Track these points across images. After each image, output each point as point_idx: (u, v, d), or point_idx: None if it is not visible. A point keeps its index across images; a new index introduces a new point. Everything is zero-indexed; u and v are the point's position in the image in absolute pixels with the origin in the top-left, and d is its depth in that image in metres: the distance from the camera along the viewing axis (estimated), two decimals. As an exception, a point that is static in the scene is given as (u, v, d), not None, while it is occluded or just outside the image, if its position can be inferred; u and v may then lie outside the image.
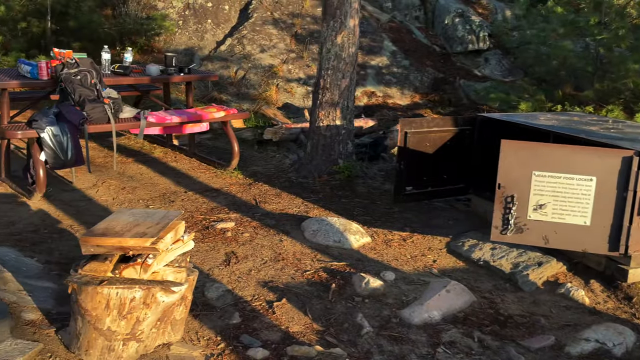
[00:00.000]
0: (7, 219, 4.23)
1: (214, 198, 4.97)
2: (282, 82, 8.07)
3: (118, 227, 2.70)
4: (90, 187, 5.02)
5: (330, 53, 5.33)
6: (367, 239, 4.29)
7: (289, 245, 4.12)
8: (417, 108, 7.71)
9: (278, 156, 6.24)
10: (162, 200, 4.84)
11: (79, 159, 4.63)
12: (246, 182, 5.44)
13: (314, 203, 4.97)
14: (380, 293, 3.52)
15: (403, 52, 8.38)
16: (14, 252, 3.58)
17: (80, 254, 3.74)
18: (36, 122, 4.46)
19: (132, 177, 5.33)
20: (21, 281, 3.25)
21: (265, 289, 3.49)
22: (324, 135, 5.46)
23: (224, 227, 4.33)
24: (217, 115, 5.41)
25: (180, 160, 5.99)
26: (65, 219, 4.31)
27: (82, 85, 4.78)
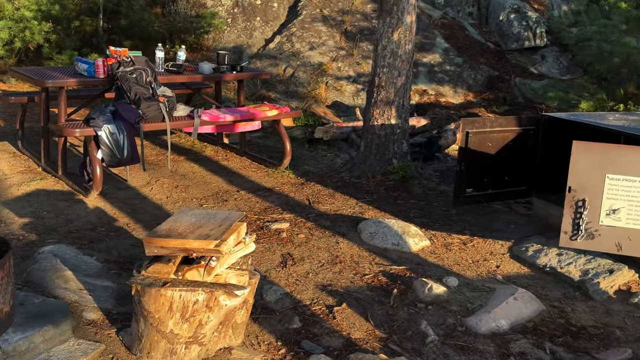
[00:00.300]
0: (65, 216, 4.25)
1: (267, 197, 4.91)
2: (332, 80, 7.97)
3: (181, 229, 2.65)
4: (144, 185, 5.02)
5: (386, 50, 5.20)
6: (426, 242, 4.15)
7: (346, 248, 4.02)
8: (471, 107, 7.50)
9: (329, 155, 6.14)
10: (215, 199, 4.81)
11: (134, 157, 4.63)
12: (298, 181, 5.37)
13: (368, 204, 4.86)
14: (443, 299, 3.38)
15: (456, 49, 8.18)
16: (73, 250, 3.58)
17: (138, 252, 3.74)
18: (93, 120, 4.47)
19: (184, 176, 5.32)
20: (81, 280, 3.24)
21: (324, 292, 3.40)
22: (378, 135, 5.34)
23: (278, 227, 4.26)
24: (270, 114, 5.35)
25: (231, 158, 5.95)
26: (122, 217, 4.31)
27: (137, 84, 4.78)
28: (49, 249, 3.48)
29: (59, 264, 3.31)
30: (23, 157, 5.56)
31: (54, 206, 4.42)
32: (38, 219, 4.16)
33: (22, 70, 5.06)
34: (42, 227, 4.03)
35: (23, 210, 4.28)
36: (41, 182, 4.90)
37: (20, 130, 5.75)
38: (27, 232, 3.92)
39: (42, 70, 5.11)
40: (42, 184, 4.87)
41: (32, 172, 5.17)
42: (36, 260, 3.32)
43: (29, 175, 5.08)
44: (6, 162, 5.39)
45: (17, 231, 3.93)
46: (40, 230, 3.98)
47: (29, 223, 4.07)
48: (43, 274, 3.19)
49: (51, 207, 4.40)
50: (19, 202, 4.45)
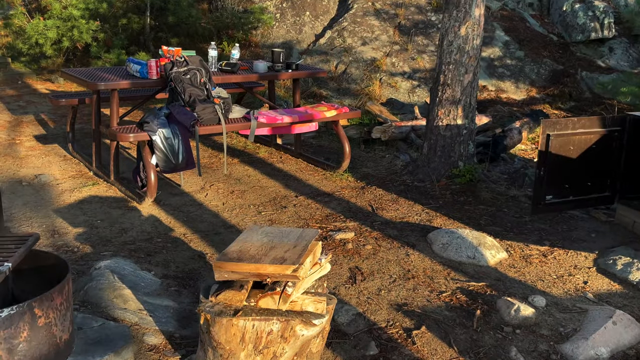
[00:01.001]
0: (120, 225, 4.07)
1: (327, 203, 4.64)
2: (386, 76, 7.65)
3: (253, 250, 2.40)
4: (198, 190, 4.82)
5: (452, 46, 4.86)
6: (503, 254, 3.82)
7: (418, 261, 3.72)
8: (534, 103, 7.08)
9: (388, 157, 5.84)
10: (273, 205, 4.57)
11: (189, 162, 4.42)
12: (358, 185, 5.09)
13: (435, 210, 4.55)
14: (532, 322, 3.06)
15: (517, 42, 7.75)
16: (130, 265, 3.39)
17: (197, 266, 3.52)
18: (147, 124, 4.28)
19: (239, 180, 5.10)
20: (141, 299, 3.03)
21: (399, 313, 3.11)
22: (443, 136, 5.01)
23: (343, 237, 3.99)
24: (329, 115, 5.08)
25: (286, 161, 5.71)
26: (178, 227, 4.10)
27: (192, 85, 4.57)
28: (105, 264, 3.29)
29: (117, 281, 3.11)
30: (74, 160, 5.43)
31: (108, 214, 4.25)
32: (92, 229, 3.99)
33: (73, 72, 4.91)
34: (97, 237, 3.86)
35: (76, 219, 4.13)
36: (93, 188, 4.74)
37: (71, 133, 5.63)
38: (81, 244, 3.75)
39: (93, 72, 4.95)
40: (94, 190, 4.71)
41: (83, 176, 5.02)
42: (93, 277, 3.13)
43: (80, 180, 4.93)
44: (57, 166, 5.27)
45: (72, 242, 3.76)
46: (95, 241, 3.81)
47: (83, 233, 3.91)
48: (101, 292, 3.00)
49: (105, 215, 4.23)
50: (72, 209, 4.30)
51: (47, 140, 5.99)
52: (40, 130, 6.33)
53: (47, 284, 2.62)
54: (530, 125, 6.27)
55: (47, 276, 2.60)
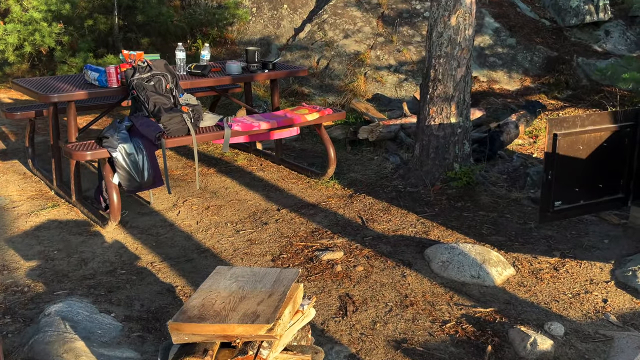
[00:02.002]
0: (79, 255, 3.62)
1: (312, 217, 4.21)
2: (371, 70, 7.21)
3: (219, 303, 1.97)
4: (170, 208, 4.37)
5: (442, 37, 4.43)
6: (510, 270, 3.42)
7: (415, 283, 3.30)
8: (529, 93, 6.68)
9: (377, 159, 5.42)
10: (253, 221, 4.13)
11: (157, 179, 3.97)
12: (345, 193, 4.66)
13: (431, 219, 4.13)
14: (551, 357, 2.66)
15: (507, 29, 7.33)
16: (86, 307, 2.94)
17: (164, 304, 3.07)
18: (107, 140, 3.82)
19: (215, 193, 4.65)
20: (96, 352, 2.59)
21: (399, 352, 2.70)
22: (436, 136, 4.59)
23: (330, 258, 3.57)
24: (310, 118, 4.64)
25: (267, 168, 5.27)
26: (145, 254, 3.66)
27: (156, 92, 4.10)
28: (56, 308, 2.84)
29: (68, 331, 2.67)
30: (34, 178, 4.96)
31: (67, 242, 3.79)
32: (47, 261, 3.53)
33: (24, 83, 4.43)
34: (52, 272, 3.41)
35: (31, 250, 3.67)
36: (53, 211, 4.28)
37: (30, 148, 5.15)
38: (33, 281, 3.30)
39: (47, 82, 4.47)
40: (54, 213, 4.25)
41: (43, 197, 4.56)
42: (40, 327, 2.68)
43: (39, 201, 4.47)
44: (15, 185, 4.80)
45: (22, 280, 3.31)
46: (49, 277, 3.35)
47: (36, 268, 3.45)
48: (48, 347, 2.56)
49: (63, 243, 3.78)
50: (26, 238, 3.84)
51: (7, 156, 5.51)
52: (0, 144, 5.84)
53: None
54: (527, 118, 5.86)
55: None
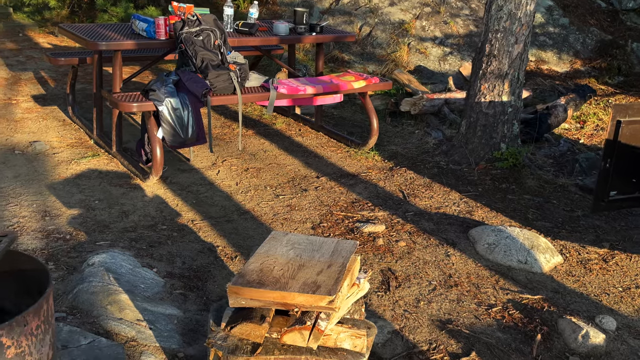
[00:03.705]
0: (120, 207, 3.59)
1: (352, 187, 4.14)
2: (415, 41, 7.03)
3: (277, 270, 1.91)
4: (209, 166, 4.32)
5: (502, 11, 4.26)
6: (557, 258, 3.32)
7: (460, 263, 3.23)
8: (578, 76, 6.46)
9: (418, 133, 5.29)
10: (292, 187, 4.07)
11: (200, 136, 3.91)
12: (386, 165, 4.57)
13: (475, 199, 4.03)
14: (603, 351, 2.58)
15: (561, 8, 7.07)
16: (129, 260, 2.92)
17: (205, 263, 3.04)
18: (153, 93, 3.75)
19: (254, 155, 4.59)
20: (139, 306, 2.57)
21: (443, 332, 2.64)
22: (485, 113, 4.45)
23: (372, 231, 3.50)
24: (357, 86, 4.52)
25: (305, 134, 5.18)
26: (185, 211, 3.62)
27: (204, 48, 4.02)
28: (100, 259, 2.82)
29: (112, 283, 2.65)
30: (73, 126, 4.93)
31: (108, 193, 3.77)
32: (89, 211, 3.51)
33: (72, 28, 4.36)
34: (93, 221, 3.39)
35: (72, 198, 3.65)
36: (93, 160, 4.26)
37: (71, 95, 5.12)
38: (75, 229, 3.28)
39: (94, 29, 4.40)
40: (94, 162, 4.22)
41: (83, 145, 4.53)
42: (84, 276, 2.67)
43: (79, 149, 4.44)
44: (55, 131, 4.78)
45: (64, 227, 3.29)
46: (91, 226, 3.34)
47: (77, 216, 3.43)
48: (93, 297, 2.54)
49: (104, 194, 3.75)
50: (67, 186, 3.82)
51: (46, 102, 5.49)
52: (40, 89, 5.82)
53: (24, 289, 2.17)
54: (576, 102, 5.68)
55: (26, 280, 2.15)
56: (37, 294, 2.18)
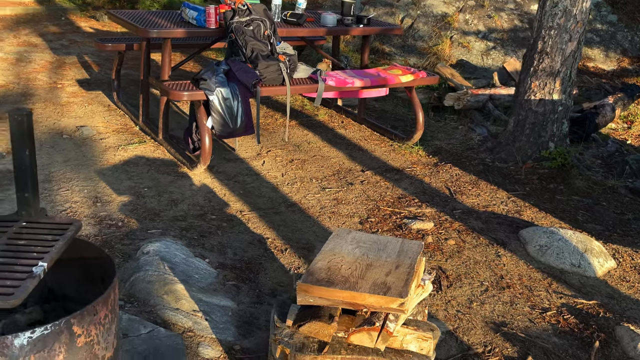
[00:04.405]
0: (169, 195, 3.62)
1: (398, 182, 4.11)
2: (457, 34, 6.93)
3: (345, 268, 1.90)
4: (254, 157, 4.32)
5: (557, 8, 4.16)
6: (611, 262, 3.26)
7: (511, 264, 3.18)
8: (626, 75, 6.31)
9: (461, 128, 5.23)
10: (338, 180, 4.05)
11: (248, 127, 3.91)
12: (430, 161, 4.52)
13: (522, 199, 3.97)
14: (662, 361, 2.52)
15: (610, 4, 6.91)
16: (182, 249, 2.94)
17: (256, 254, 3.03)
18: (204, 82, 3.76)
19: (298, 147, 4.58)
20: (195, 297, 2.59)
21: (498, 335, 2.61)
22: (535, 111, 4.37)
23: (421, 228, 3.47)
24: (404, 80, 4.47)
25: (348, 126, 5.16)
26: (233, 201, 3.63)
27: (254, 38, 4.00)
28: (154, 247, 2.84)
29: (168, 273, 2.67)
30: (119, 111, 4.97)
31: (156, 181, 3.79)
32: (138, 198, 3.54)
33: (122, 15, 4.38)
34: (144, 209, 3.42)
35: (121, 185, 3.68)
36: (140, 147, 4.29)
37: (116, 81, 5.15)
38: (126, 217, 3.31)
39: (144, 15, 4.41)
40: (141, 149, 4.25)
41: (128, 131, 4.57)
42: (140, 265, 2.69)
43: (125, 135, 4.48)
44: (101, 116, 4.82)
45: (116, 214, 3.32)
46: (142, 213, 3.36)
47: (128, 203, 3.46)
48: (149, 286, 2.56)
49: (152, 181, 3.78)
50: (116, 172, 3.86)
51: (91, 86, 5.54)
52: (84, 74, 5.87)
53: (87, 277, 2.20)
54: (624, 101, 5.55)
55: (88, 267, 2.17)
56: (99, 281, 2.21)
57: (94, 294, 2.18)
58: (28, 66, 5.86)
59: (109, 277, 2.08)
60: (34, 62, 5.98)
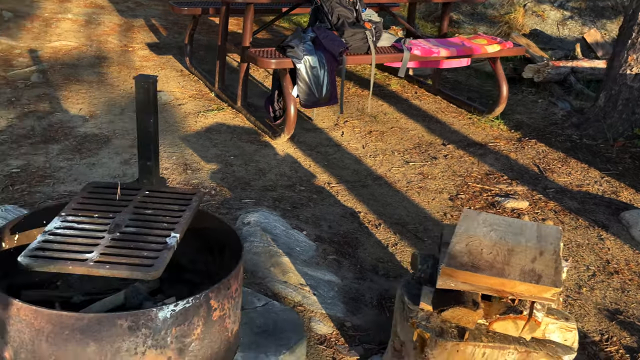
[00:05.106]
0: (255, 165, 3.57)
1: (482, 157, 3.98)
2: (531, 2, 6.65)
3: (486, 253, 1.81)
4: (332, 127, 4.24)
5: (662, -24, 3.92)
6: None
7: (615, 249, 3.06)
8: None
9: (541, 102, 5.04)
10: (420, 153, 3.95)
11: (333, 97, 3.82)
12: (513, 136, 4.37)
13: (617, 179, 3.81)
14: None
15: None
16: (280, 221, 2.89)
17: (351, 229, 2.95)
18: (291, 50, 3.66)
19: (375, 118, 4.47)
20: (300, 270, 2.55)
21: (614, 324, 2.51)
22: (630, 87, 4.17)
23: (515, 207, 3.35)
24: (490, 50, 4.30)
25: (422, 97, 5.02)
26: (319, 172, 3.56)
27: (340, 4, 3.88)
28: (254, 218, 2.80)
29: (272, 245, 2.63)
30: (192, 77, 4.93)
31: (240, 149, 3.75)
32: (226, 166, 3.50)
33: (203, -22, 4.30)
34: (233, 178, 3.38)
35: (208, 152, 3.65)
36: (219, 114, 4.24)
37: (189, 46, 5.10)
38: (218, 185, 3.28)
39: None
40: (220, 116, 4.21)
41: (204, 98, 4.52)
42: (244, 235, 2.65)
43: (202, 102, 4.43)
44: (175, 82, 4.78)
45: (207, 182, 3.29)
46: (232, 182, 3.32)
47: (217, 171, 3.43)
48: (256, 258, 2.53)
49: (237, 149, 3.73)
50: (200, 139, 3.82)
51: (161, 50, 5.50)
52: (152, 37, 5.83)
53: (205, 247, 2.17)
54: None
55: (207, 238, 2.14)
56: (218, 252, 2.17)
57: (214, 265, 2.16)
58: (97, 28, 5.84)
59: (230, 249, 2.05)
60: (103, 25, 5.96)
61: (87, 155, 3.45)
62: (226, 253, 2.12)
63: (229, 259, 2.04)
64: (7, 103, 4.05)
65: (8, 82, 4.39)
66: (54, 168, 3.26)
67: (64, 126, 3.81)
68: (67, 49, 5.20)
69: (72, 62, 4.95)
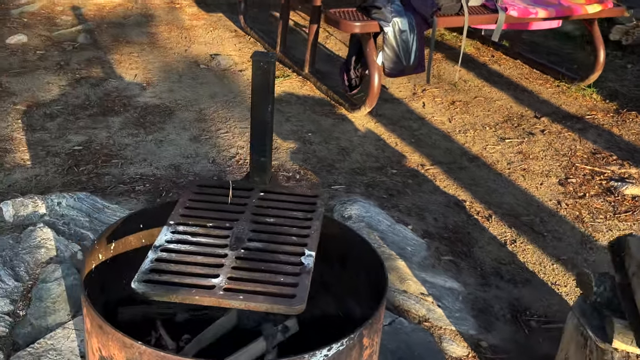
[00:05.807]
0: (336, 142, 3.19)
1: (583, 133, 3.56)
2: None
3: None
4: (410, 96, 3.83)
5: None
6: None
7: None
8: None
9: (631, 67, 4.56)
10: (513, 128, 3.54)
11: (420, 64, 3.39)
12: (609, 107, 3.93)
13: None
14: None
15: None
16: (382, 214, 2.53)
17: (459, 221, 2.56)
18: (378, 11, 3.22)
19: (454, 86, 4.04)
20: (417, 275, 2.20)
21: None
22: None
23: (636, 194, 2.96)
24: (591, 10, 3.82)
25: (501, 61, 4.56)
26: (408, 152, 3.18)
27: (430, -42, 3.41)
28: (355, 212, 2.44)
29: (382, 245, 2.28)
30: (248, 38, 4.51)
31: (317, 124, 3.36)
32: (305, 145, 3.13)
33: None
34: (315, 158, 3.01)
35: (282, 127, 3.27)
36: (285, 82, 3.84)
37: (243, 3, 4.66)
38: (300, 167, 2.91)
39: None
40: (286, 84, 3.81)
41: (266, 62, 4.10)
42: (349, 234, 2.30)
43: (264, 67, 4.02)
44: (230, 43, 4.38)
45: (288, 164, 2.93)
46: (315, 164, 2.95)
47: (296, 151, 3.06)
48: (368, 263, 2.17)
49: (313, 124, 3.35)
50: (270, 111, 3.43)
51: (209, 8, 5.07)
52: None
53: (322, 256, 1.82)
54: None
55: (322, 245, 1.79)
56: (337, 263, 1.82)
57: (332, 277, 1.81)
58: (140, -17, 5.40)
59: (354, 259, 1.70)
60: (145, -21, 5.51)
61: (152, 130, 3.09)
62: (348, 264, 1.77)
63: (351, 272, 1.71)
64: (57, 68, 3.68)
65: (54, 44, 4.01)
66: (119, 145, 2.91)
67: (121, 95, 3.44)
68: (111, 5, 4.79)
69: (119, 20, 4.55)
